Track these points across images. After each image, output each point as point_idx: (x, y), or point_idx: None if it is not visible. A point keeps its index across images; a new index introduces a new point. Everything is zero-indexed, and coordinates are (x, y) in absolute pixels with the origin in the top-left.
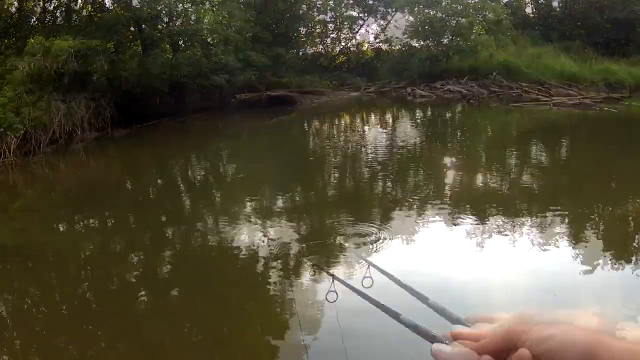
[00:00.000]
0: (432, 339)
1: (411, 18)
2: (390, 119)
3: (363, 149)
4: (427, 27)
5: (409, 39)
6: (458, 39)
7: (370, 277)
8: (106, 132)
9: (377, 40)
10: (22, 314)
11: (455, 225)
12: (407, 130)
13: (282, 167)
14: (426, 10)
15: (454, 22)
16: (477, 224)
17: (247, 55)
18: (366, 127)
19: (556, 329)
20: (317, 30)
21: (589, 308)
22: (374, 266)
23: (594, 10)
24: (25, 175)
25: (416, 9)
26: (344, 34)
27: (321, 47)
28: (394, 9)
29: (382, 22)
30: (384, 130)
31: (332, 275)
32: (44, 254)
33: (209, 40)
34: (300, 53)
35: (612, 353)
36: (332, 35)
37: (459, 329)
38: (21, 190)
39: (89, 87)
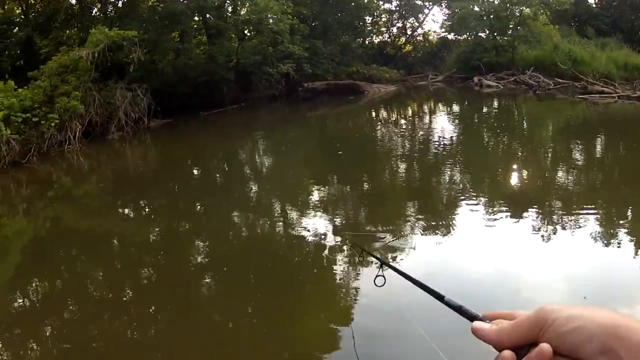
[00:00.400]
0: (474, 319)
1: (476, 8)
2: (458, 109)
3: (427, 140)
4: (492, 17)
5: (474, 29)
6: (520, 29)
7: (383, 276)
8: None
9: (443, 30)
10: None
11: (493, 222)
12: (473, 121)
13: (344, 156)
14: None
15: (518, 11)
16: (513, 221)
17: (312, 44)
18: (433, 118)
19: (575, 322)
20: (383, 19)
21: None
22: (388, 265)
23: (628, 7)
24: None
25: None
26: (410, 22)
27: (387, 36)
28: None
29: (447, 11)
30: (452, 121)
31: (381, 260)
32: (78, 239)
33: (274, 29)
34: (367, 42)
35: (631, 347)
36: (397, 24)
37: (479, 324)
38: (57, 179)
39: (155, 79)
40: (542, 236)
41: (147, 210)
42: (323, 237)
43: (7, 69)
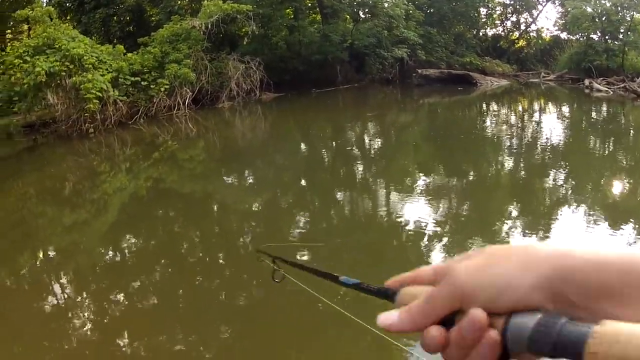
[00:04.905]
0: (377, 292)
1: (589, 9)
2: (567, 111)
3: (533, 139)
4: (604, 19)
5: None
6: (631, 35)
7: (278, 270)
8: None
9: (556, 28)
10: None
11: None
12: (580, 125)
13: (449, 146)
14: (602, 1)
15: (629, 16)
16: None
17: (427, 32)
18: (542, 117)
19: (499, 272)
20: (497, 12)
21: None
22: (278, 258)
23: None
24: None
25: None
26: (524, 18)
27: (501, 29)
28: None
29: (560, 9)
30: (560, 123)
31: (274, 257)
32: (178, 202)
33: (389, 13)
34: (481, 34)
35: (584, 286)
36: (512, 19)
37: (384, 318)
38: (163, 141)
39: (268, 53)
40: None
41: (251, 180)
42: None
43: (117, 34)
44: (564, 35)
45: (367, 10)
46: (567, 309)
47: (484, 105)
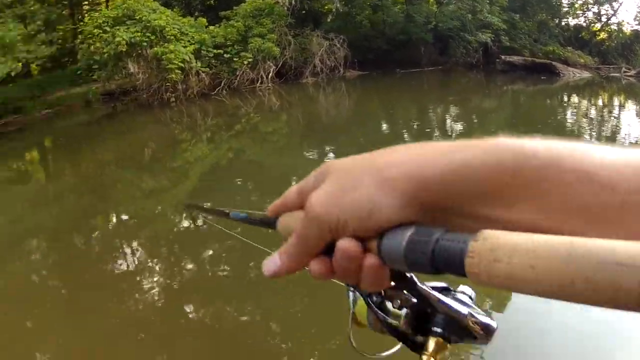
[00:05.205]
0: (261, 222)
1: None
2: None
3: (609, 135)
4: None
5: None
6: None
7: (199, 217)
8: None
9: (636, 22)
10: None
11: None
12: None
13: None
14: None
15: None
16: None
17: (510, 18)
18: (622, 113)
19: (354, 194)
20: (579, 2)
21: None
22: (193, 206)
23: None
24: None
25: None
26: (605, 9)
27: (583, 19)
28: None
29: (639, 2)
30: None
31: (188, 205)
32: (260, 174)
33: None
34: (563, 23)
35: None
36: (593, 9)
37: (265, 265)
38: (245, 113)
39: (352, 31)
40: None
41: (333, 155)
42: None
43: (198, 7)
44: None
45: None
46: (446, 217)
47: (567, 97)
